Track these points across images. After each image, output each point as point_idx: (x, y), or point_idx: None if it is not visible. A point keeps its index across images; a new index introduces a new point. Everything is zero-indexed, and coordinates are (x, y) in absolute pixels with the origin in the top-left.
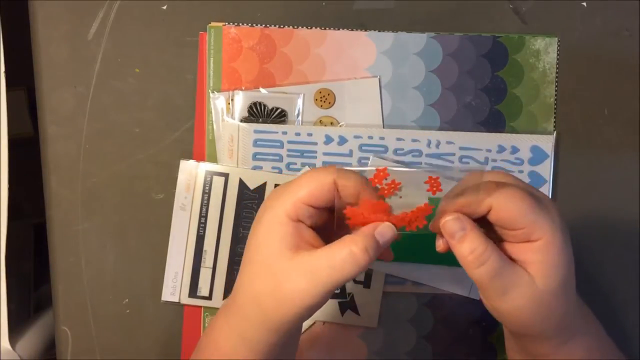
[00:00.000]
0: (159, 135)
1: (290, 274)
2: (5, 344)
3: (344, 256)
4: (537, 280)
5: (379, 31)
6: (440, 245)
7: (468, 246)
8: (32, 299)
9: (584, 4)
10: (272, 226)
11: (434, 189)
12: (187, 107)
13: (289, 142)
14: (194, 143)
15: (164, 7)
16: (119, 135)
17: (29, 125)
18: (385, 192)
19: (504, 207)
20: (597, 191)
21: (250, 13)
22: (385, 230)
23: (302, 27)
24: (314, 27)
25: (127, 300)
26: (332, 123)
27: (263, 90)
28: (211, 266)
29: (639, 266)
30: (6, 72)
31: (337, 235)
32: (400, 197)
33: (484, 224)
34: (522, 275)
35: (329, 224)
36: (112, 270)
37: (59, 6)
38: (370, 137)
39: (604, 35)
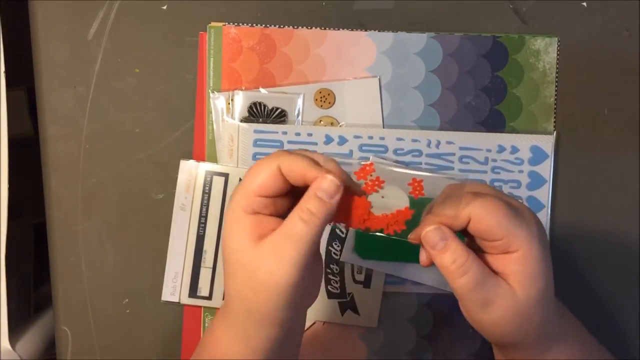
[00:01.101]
0: (159, 135)
1: (258, 261)
2: (5, 344)
3: (295, 225)
4: (517, 291)
5: (379, 31)
6: (424, 259)
7: (449, 256)
8: (32, 299)
9: (584, 4)
10: (232, 223)
11: (416, 192)
12: (187, 107)
13: (289, 142)
14: (194, 143)
15: (164, 7)
16: (119, 135)
17: (29, 125)
18: (369, 188)
19: (482, 217)
20: (597, 191)
21: (250, 13)
22: (325, 185)
23: (302, 27)
24: (314, 27)
25: (127, 300)
26: (332, 123)
27: (263, 90)
28: (211, 266)
29: (638, 267)
30: (6, 72)
31: None
32: (382, 196)
33: (466, 237)
34: (503, 286)
35: (292, 208)
36: (112, 270)
37: (59, 6)
38: (370, 137)
39: (604, 35)
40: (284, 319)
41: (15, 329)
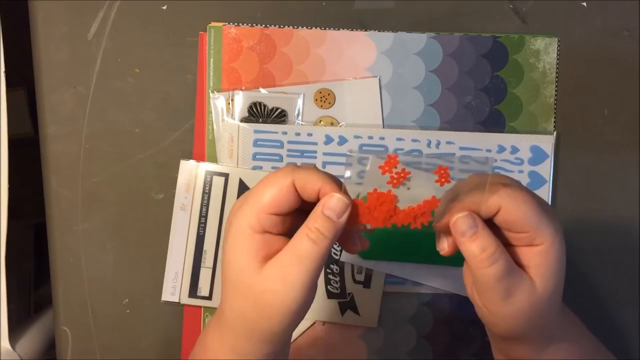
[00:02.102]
0: (159, 135)
1: (265, 284)
2: (5, 344)
3: (302, 244)
4: (536, 284)
5: (379, 31)
6: (445, 248)
7: (479, 244)
8: (32, 299)
9: (584, 4)
10: (238, 242)
11: (442, 179)
12: (187, 107)
13: (289, 142)
14: (194, 143)
15: (164, 7)
16: (119, 135)
17: (29, 125)
18: (394, 181)
19: (512, 208)
20: (597, 191)
21: (250, 13)
22: (332, 204)
23: (302, 27)
24: (314, 27)
25: (127, 300)
26: (332, 123)
27: (263, 90)
28: (211, 266)
29: (638, 266)
30: (6, 72)
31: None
32: (408, 188)
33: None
34: (525, 278)
35: (299, 226)
36: (112, 270)
37: (59, 6)
38: (370, 137)
39: (604, 35)
40: (284, 337)
41: (15, 329)
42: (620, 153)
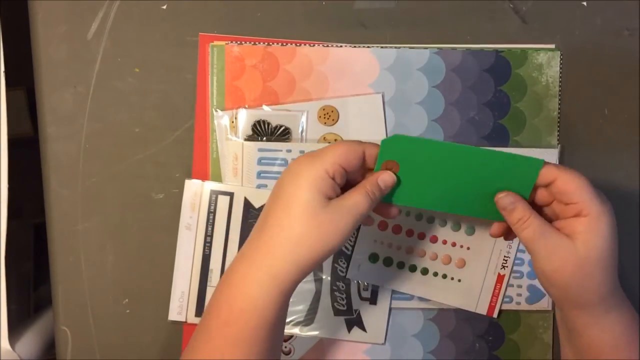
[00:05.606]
0: (158, 135)
1: (331, 216)
2: (5, 344)
3: (361, 196)
4: (578, 247)
5: (381, 46)
6: (494, 231)
7: (516, 215)
8: (32, 299)
9: (584, 3)
10: (314, 180)
11: None
12: (187, 107)
13: (294, 160)
14: (196, 162)
15: (164, 7)
16: (119, 135)
17: (29, 125)
18: None
19: (567, 180)
20: None
21: (251, 13)
22: (386, 178)
23: (305, 44)
24: (316, 44)
25: (127, 300)
26: (336, 140)
27: (266, 108)
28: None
29: (638, 267)
30: (6, 72)
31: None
32: None
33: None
34: (564, 239)
35: (348, 183)
36: (112, 270)
37: (59, 6)
38: None
39: (604, 35)
40: (313, 268)
41: (15, 329)
42: (620, 153)
